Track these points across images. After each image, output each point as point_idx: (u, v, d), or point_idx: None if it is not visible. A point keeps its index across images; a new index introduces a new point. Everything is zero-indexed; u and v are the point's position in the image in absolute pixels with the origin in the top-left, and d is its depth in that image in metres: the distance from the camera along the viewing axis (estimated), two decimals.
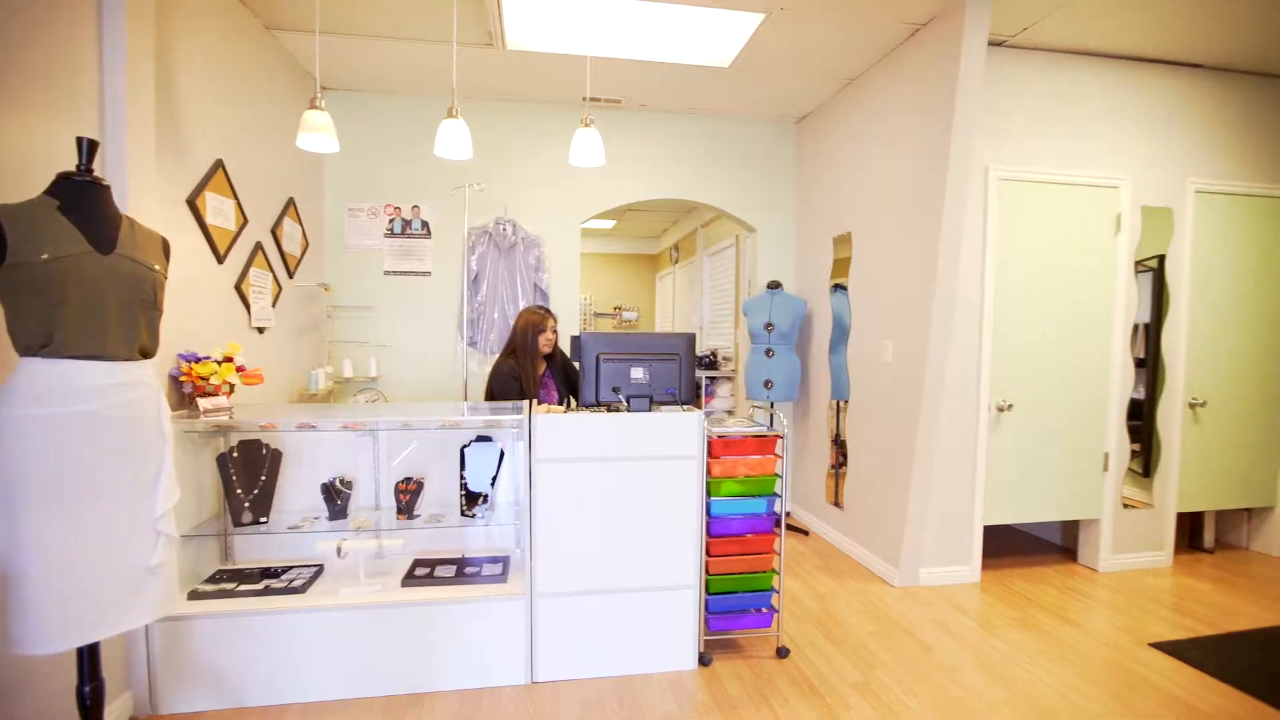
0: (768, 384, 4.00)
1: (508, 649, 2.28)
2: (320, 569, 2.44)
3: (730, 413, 4.89)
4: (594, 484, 2.31)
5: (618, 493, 2.33)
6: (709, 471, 2.42)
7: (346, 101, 3.87)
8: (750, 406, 3.84)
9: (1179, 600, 3.10)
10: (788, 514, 4.50)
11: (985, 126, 3.18)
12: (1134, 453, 3.52)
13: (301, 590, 2.24)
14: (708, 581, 2.46)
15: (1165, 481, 3.51)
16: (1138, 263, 3.44)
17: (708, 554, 2.46)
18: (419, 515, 2.49)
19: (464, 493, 2.55)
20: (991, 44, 3.15)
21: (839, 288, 3.88)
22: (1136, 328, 3.50)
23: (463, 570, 2.43)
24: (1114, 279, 3.37)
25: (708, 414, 4.87)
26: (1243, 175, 3.55)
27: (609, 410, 2.37)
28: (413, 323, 4.01)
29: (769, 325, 3.99)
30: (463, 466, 2.55)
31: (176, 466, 1.69)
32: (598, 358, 2.28)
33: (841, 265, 3.84)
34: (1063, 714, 2.16)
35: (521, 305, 4.01)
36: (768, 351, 4.02)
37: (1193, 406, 3.53)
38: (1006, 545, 3.89)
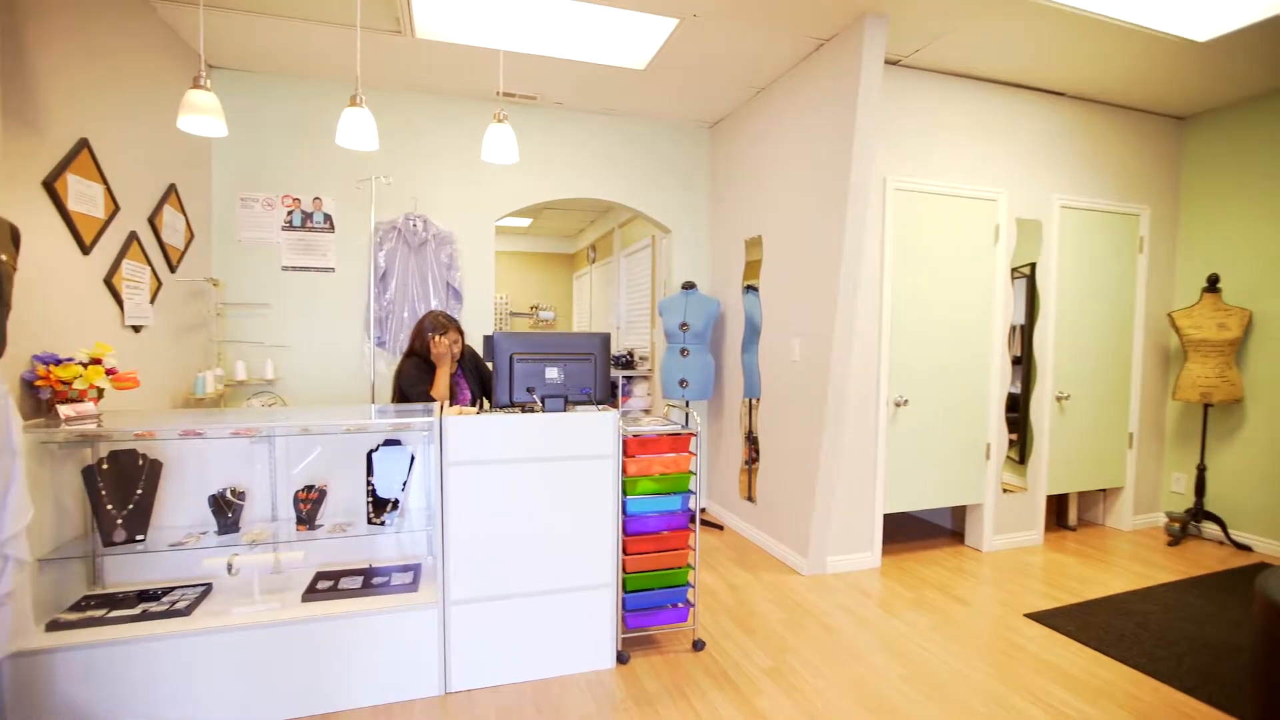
0: (683, 383, 4.08)
1: (420, 660, 2.20)
2: (208, 588, 2.26)
3: (647, 412, 4.95)
4: (509, 486, 2.27)
5: (533, 494, 2.30)
6: (625, 470, 2.43)
7: (238, 82, 3.59)
8: (666, 405, 3.90)
9: (1049, 574, 3.43)
10: (703, 510, 4.61)
11: (883, 139, 3.39)
12: (1011, 442, 3.86)
13: (185, 613, 2.06)
14: (625, 580, 2.48)
15: (1037, 467, 3.88)
16: (1014, 270, 3.78)
17: (624, 552, 2.47)
18: (322, 525, 2.36)
19: (371, 499, 2.43)
20: (888, 63, 3.36)
21: (751, 289, 4.01)
22: (1013, 329, 3.85)
23: (370, 581, 2.32)
24: (994, 284, 3.68)
25: (624, 413, 4.90)
26: (1097, 193, 3.99)
27: (524, 411, 2.34)
28: (315, 322, 3.78)
29: (684, 325, 4.07)
30: (370, 472, 2.43)
31: (31, 481, 1.50)
32: (511, 358, 2.25)
33: (753, 267, 3.98)
34: (952, 684, 2.34)
35: (434, 304, 3.87)
36: (683, 351, 4.09)
37: (1059, 399, 3.92)
38: (904, 531, 4.16)
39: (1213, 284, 3.91)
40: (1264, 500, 3.80)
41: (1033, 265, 3.86)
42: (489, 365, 2.84)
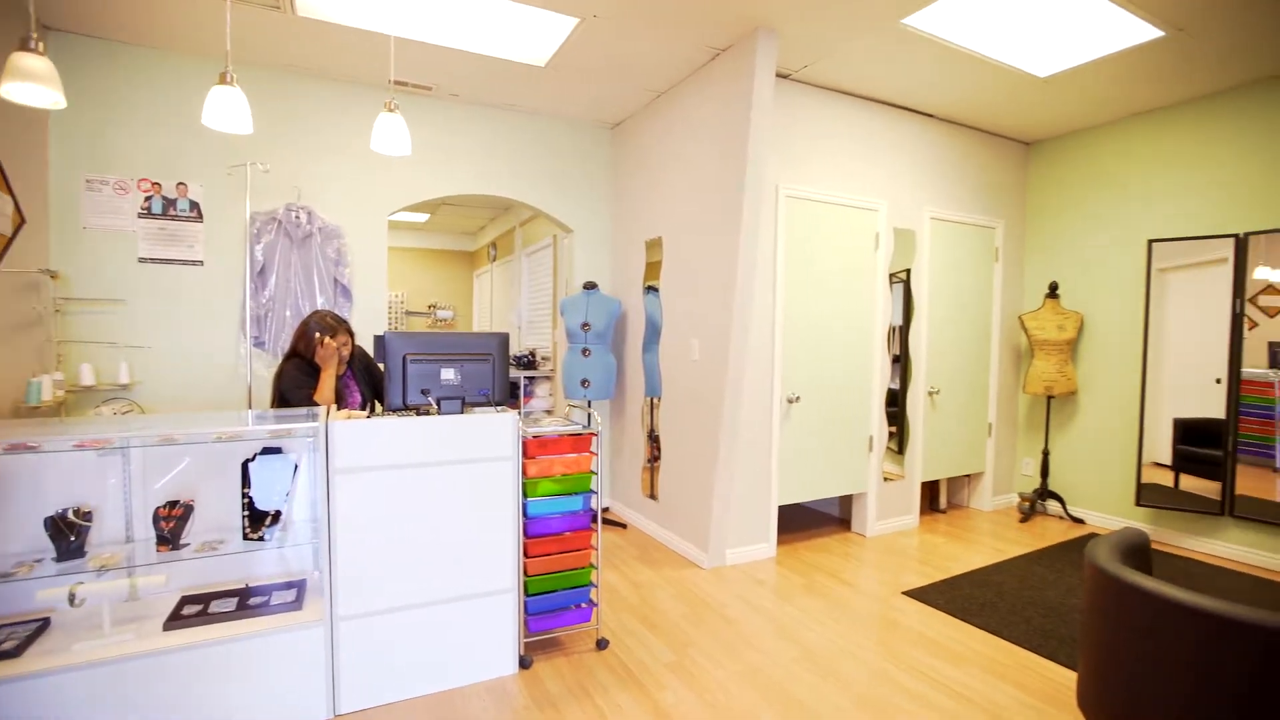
0: (585, 383, 4.08)
1: (306, 683, 2.06)
2: (45, 623, 1.98)
3: (549, 412, 4.90)
4: (402, 492, 2.17)
5: (429, 500, 2.21)
6: (525, 472, 2.40)
7: (82, 49, 3.19)
8: (568, 406, 3.88)
9: (923, 554, 3.74)
10: (606, 509, 4.63)
11: (775, 148, 3.56)
12: (891, 434, 4.18)
13: (14, 654, 1.80)
14: (526, 583, 2.44)
15: (913, 457, 4.23)
16: (892, 275, 4.10)
17: (526, 555, 2.44)
18: (188, 544, 2.14)
19: (248, 513, 2.24)
20: (780, 76, 3.54)
21: (651, 289, 4.08)
22: (892, 329, 4.17)
23: (247, 602, 2.14)
24: (875, 288, 3.97)
25: (526, 414, 4.82)
26: (961, 207, 4.40)
27: (418, 414, 2.25)
28: (180, 321, 3.42)
29: (585, 325, 4.07)
30: (247, 483, 2.24)
31: None
32: (404, 359, 2.15)
33: (654, 268, 4.05)
34: (840, 661, 2.50)
35: (320, 302, 3.63)
36: (584, 351, 4.09)
37: (931, 394, 4.29)
38: (797, 521, 4.39)
39: (1053, 290, 4.43)
40: (1093, 480, 4.35)
41: (908, 271, 4.20)
42: (381, 367, 2.70)
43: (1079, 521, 4.39)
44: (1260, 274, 3.55)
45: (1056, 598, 3.12)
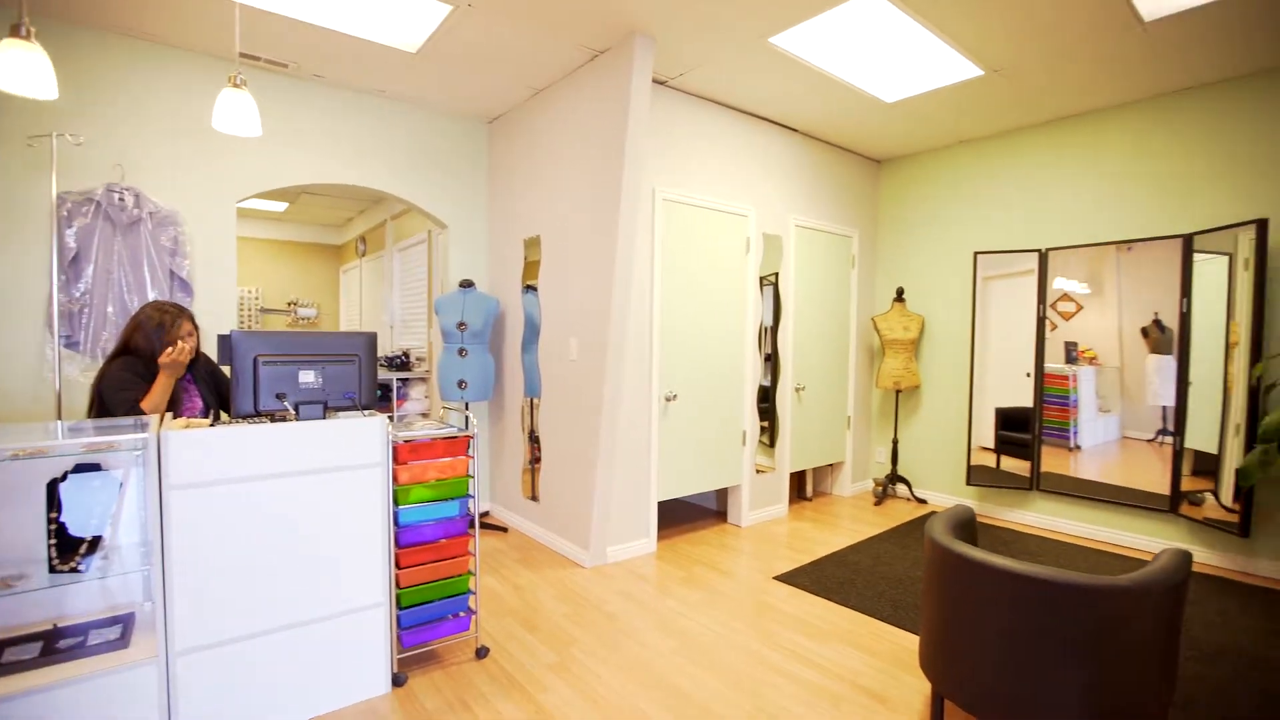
0: (462, 384, 3.94)
1: None
2: None
3: (425, 415, 4.69)
4: (255, 507, 1.98)
5: (287, 514, 2.03)
6: (396, 479, 2.28)
7: None
8: (443, 408, 3.73)
9: (792, 540, 4.00)
10: (486, 513, 4.51)
11: (653, 152, 3.64)
12: (763, 429, 4.43)
13: None
14: (399, 595, 2.32)
15: (782, 450, 4.51)
16: (762, 278, 4.34)
17: (398, 566, 2.31)
18: None
19: (56, 541, 1.93)
20: (658, 82, 3.63)
21: (530, 288, 4.02)
22: (763, 329, 4.41)
23: (55, 645, 1.84)
24: (746, 290, 4.18)
25: (399, 418, 4.58)
26: (822, 217, 4.76)
27: (273, 420, 2.06)
28: None
29: (462, 324, 3.94)
30: (55, 507, 1.93)
31: None
32: (255, 360, 1.96)
33: (532, 267, 4.00)
34: (717, 647, 2.60)
35: (152, 296, 3.20)
36: (461, 351, 3.96)
37: (797, 390, 4.60)
38: (676, 516, 4.53)
39: (900, 295, 4.91)
40: (934, 464, 4.88)
41: (777, 274, 4.46)
42: (226, 370, 2.44)
43: (923, 502, 4.91)
44: (1058, 284, 4.16)
45: (904, 571, 3.46)
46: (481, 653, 2.52)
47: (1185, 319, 3.61)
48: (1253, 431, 3.24)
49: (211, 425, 1.98)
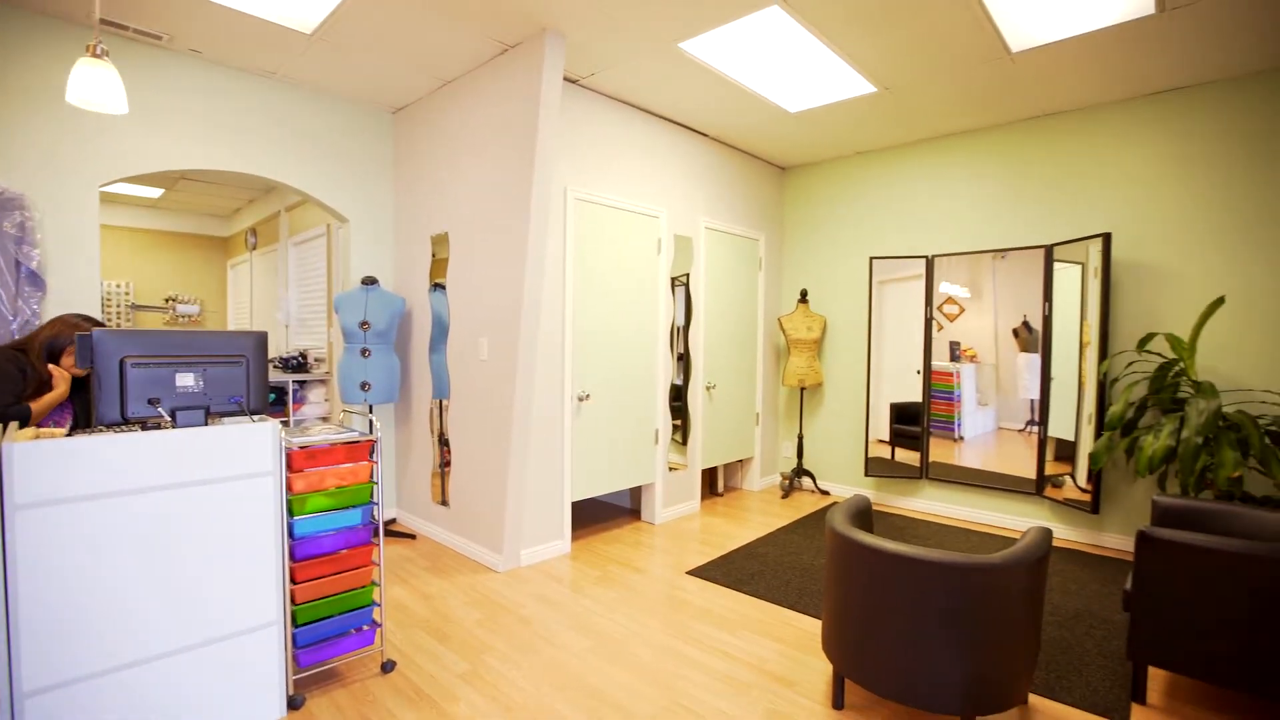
0: (365, 386, 3.75)
1: None
2: None
3: (325, 419, 4.42)
4: (123, 525, 1.79)
5: (162, 531, 1.85)
6: (290, 488, 2.13)
7: None
8: (345, 411, 3.54)
9: (704, 535, 4.10)
10: (393, 521, 4.32)
11: (565, 151, 3.62)
12: (676, 427, 4.50)
13: None
14: (295, 612, 2.17)
15: (694, 447, 4.61)
16: (674, 279, 4.42)
17: (293, 581, 2.17)
18: None
19: None
20: (571, 81, 3.61)
21: (439, 286, 3.89)
22: (675, 329, 4.49)
23: None
24: (658, 290, 4.25)
25: (297, 422, 4.30)
26: (730, 220, 4.91)
27: (145, 428, 1.87)
28: None
29: (365, 324, 3.75)
30: None
31: None
32: (122, 363, 1.77)
33: (440, 265, 3.87)
34: (631, 644, 2.63)
35: None
36: (364, 351, 3.76)
37: (708, 389, 4.72)
38: (591, 515, 4.52)
39: (804, 296, 5.15)
40: (836, 457, 5.16)
41: (688, 275, 4.56)
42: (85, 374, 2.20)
43: (826, 494, 5.17)
44: (944, 288, 4.51)
45: (809, 560, 3.63)
46: (387, 667, 2.41)
47: (1047, 321, 4.02)
48: (1101, 421, 3.66)
49: (68, 434, 1.78)
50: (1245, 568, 1.95)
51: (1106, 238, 3.62)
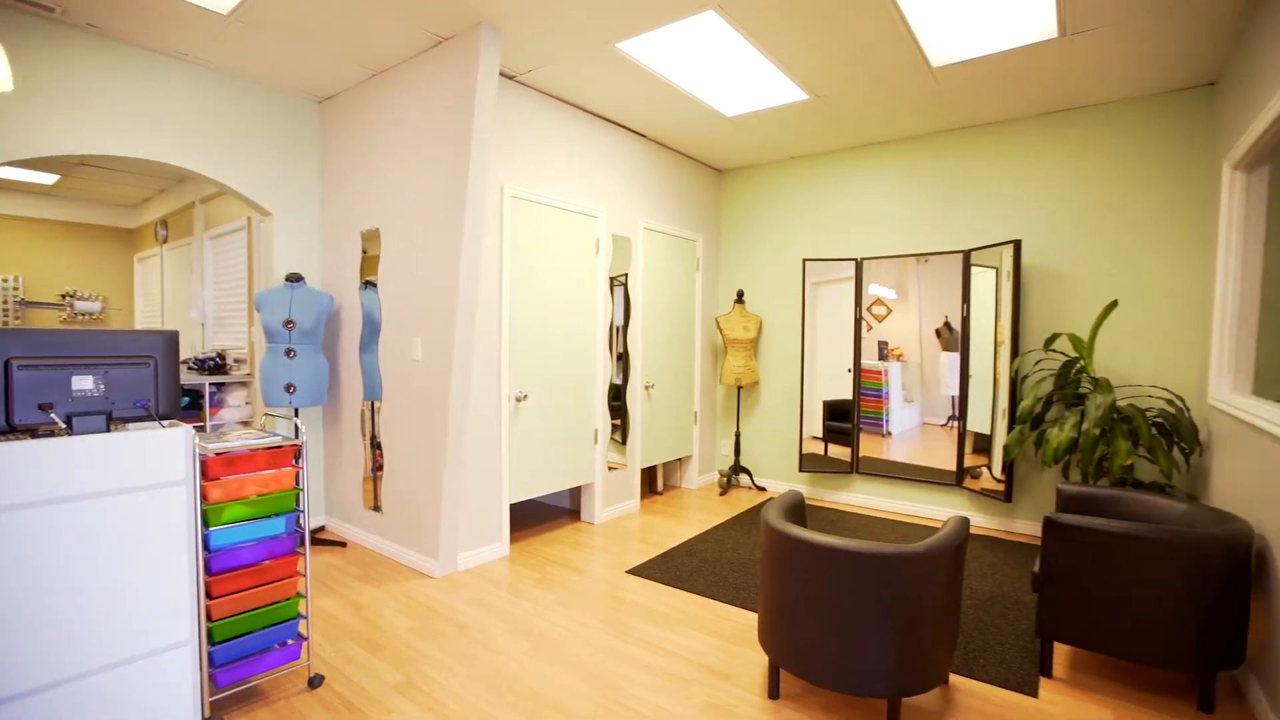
0: (290, 388, 3.57)
1: None
2: None
3: (246, 424, 4.19)
4: (15, 542, 1.63)
5: (55, 548, 1.71)
6: (205, 497, 2.01)
7: None
8: (267, 415, 3.36)
9: (644, 534, 4.12)
10: (321, 528, 4.13)
11: (502, 148, 3.56)
12: (615, 426, 4.51)
13: None
14: (211, 629, 2.05)
15: (634, 446, 4.63)
16: (612, 279, 4.42)
17: (209, 596, 2.04)
18: None
19: None
20: (507, 77, 3.55)
21: (370, 284, 3.75)
22: (614, 329, 4.50)
23: None
24: (596, 290, 4.24)
25: (215, 427, 4.06)
26: (668, 220, 4.95)
27: (35, 436, 1.72)
28: None
29: (289, 323, 3.57)
30: None
31: None
32: (8, 365, 1.62)
33: (371, 262, 3.73)
34: (571, 645, 2.61)
35: None
36: (289, 352, 3.59)
37: (647, 388, 4.75)
38: (530, 517, 4.47)
39: (740, 297, 5.26)
40: (772, 453, 5.30)
41: (626, 275, 4.57)
42: None
43: (763, 490, 5.30)
44: (872, 289, 4.70)
45: (746, 555, 3.71)
46: (315, 682, 2.30)
47: (966, 322, 4.26)
48: (1014, 415, 3.91)
49: None
50: (1135, 548, 2.13)
51: (1017, 244, 3.86)
